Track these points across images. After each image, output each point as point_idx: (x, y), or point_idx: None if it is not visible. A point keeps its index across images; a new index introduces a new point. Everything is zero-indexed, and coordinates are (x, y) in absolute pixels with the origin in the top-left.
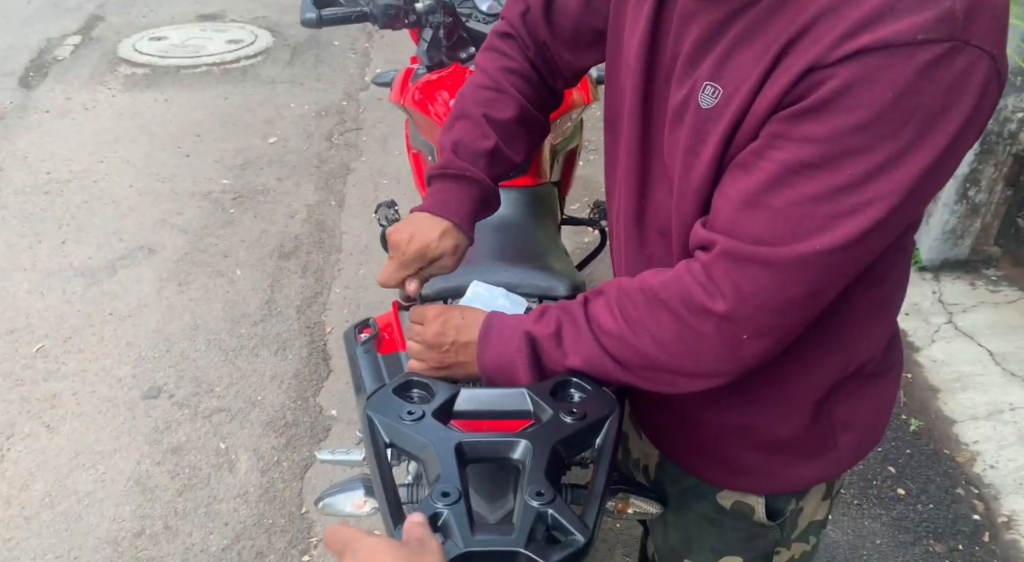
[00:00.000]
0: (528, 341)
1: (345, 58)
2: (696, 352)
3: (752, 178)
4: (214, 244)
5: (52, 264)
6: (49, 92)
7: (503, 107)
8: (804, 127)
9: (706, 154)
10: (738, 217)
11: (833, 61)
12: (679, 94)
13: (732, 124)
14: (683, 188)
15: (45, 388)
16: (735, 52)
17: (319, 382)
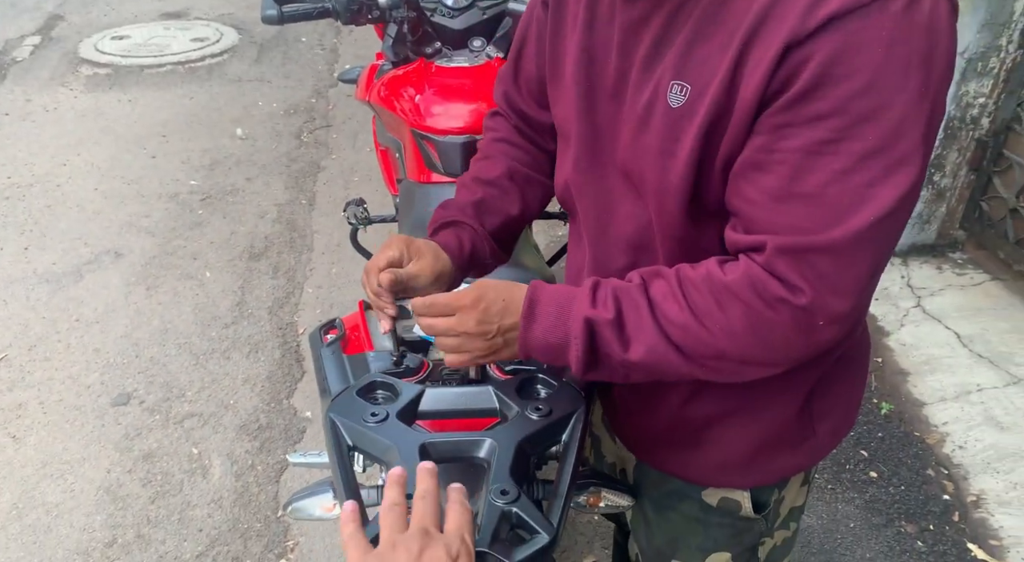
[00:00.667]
0: (586, 327)
1: (313, 55)
2: (767, 341)
3: (773, 175)
4: (183, 246)
5: (15, 271)
6: (8, 94)
7: (490, 168)
8: (808, 108)
9: (683, 152)
10: (774, 214)
11: (809, 33)
12: (639, 101)
13: (708, 119)
14: (662, 189)
15: (10, 398)
16: (695, 48)
17: (293, 383)
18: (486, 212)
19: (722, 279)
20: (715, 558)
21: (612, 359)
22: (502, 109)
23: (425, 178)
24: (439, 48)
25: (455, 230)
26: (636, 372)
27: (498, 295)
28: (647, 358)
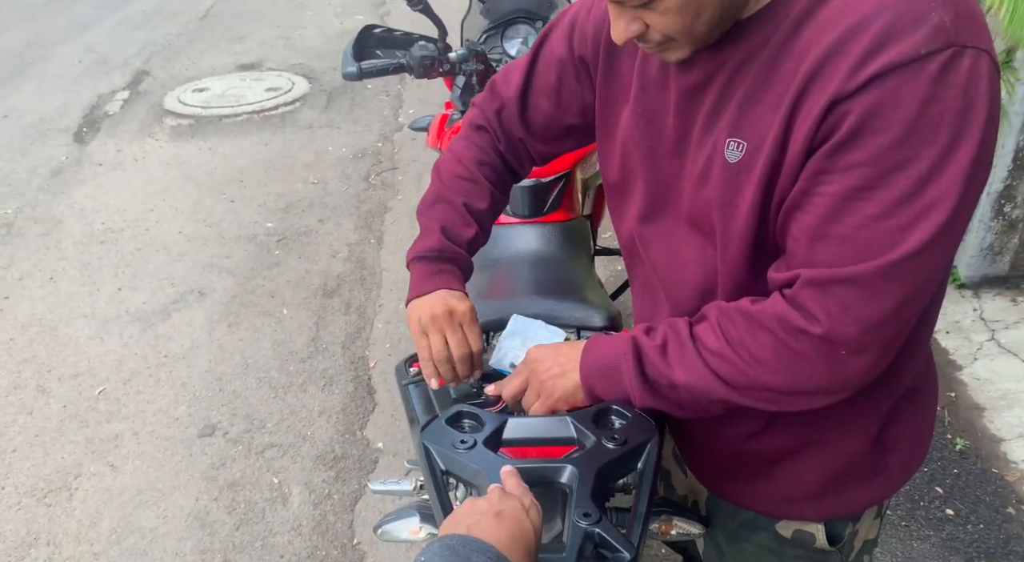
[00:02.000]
0: (634, 347)
1: (379, 101)
2: (795, 371)
3: (810, 215)
4: (261, 285)
5: (110, 310)
6: (101, 146)
7: (479, 198)
8: (845, 157)
9: (744, 204)
10: (810, 251)
11: (852, 90)
12: (700, 158)
13: (766, 173)
14: (726, 240)
15: (108, 429)
16: (749, 108)
17: (365, 415)
18: (472, 249)
19: (751, 310)
20: None
21: (661, 383)
22: (491, 126)
23: None
24: None
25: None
26: (688, 400)
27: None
28: (691, 383)
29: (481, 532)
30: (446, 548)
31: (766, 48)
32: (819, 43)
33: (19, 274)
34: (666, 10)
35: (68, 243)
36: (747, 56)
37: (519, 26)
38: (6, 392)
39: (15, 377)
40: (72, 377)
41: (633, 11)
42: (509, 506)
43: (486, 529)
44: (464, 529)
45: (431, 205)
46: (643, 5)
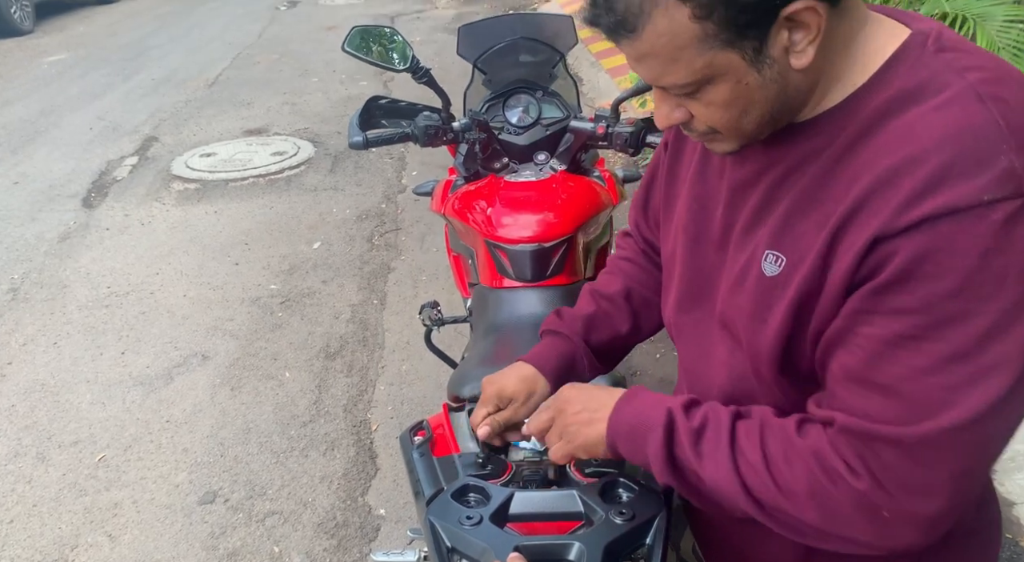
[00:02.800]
0: (667, 422)
1: (382, 163)
2: (830, 513)
3: (852, 355)
4: (264, 348)
5: (113, 375)
6: (109, 210)
7: (609, 283)
8: (891, 300)
9: (774, 321)
10: (849, 394)
11: (898, 230)
12: (739, 260)
13: (801, 293)
14: (754, 354)
15: (107, 497)
16: (793, 221)
17: (367, 481)
18: (594, 328)
19: (794, 438)
20: None
21: (686, 468)
22: (632, 232)
23: (498, 283)
24: (506, 163)
25: (556, 341)
26: (709, 493)
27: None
28: (717, 483)
29: None
30: None
31: (819, 160)
32: (871, 170)
33: (23, 340)
34: (711, 102)
35: (73, 308)
36: (798, 163)
37: (520, 95)
38: (5, 460)
39: (15, 444)
40: (72, 444)
41: (677, 98)
42: None
43: None
44: None
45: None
46: (687, 94)
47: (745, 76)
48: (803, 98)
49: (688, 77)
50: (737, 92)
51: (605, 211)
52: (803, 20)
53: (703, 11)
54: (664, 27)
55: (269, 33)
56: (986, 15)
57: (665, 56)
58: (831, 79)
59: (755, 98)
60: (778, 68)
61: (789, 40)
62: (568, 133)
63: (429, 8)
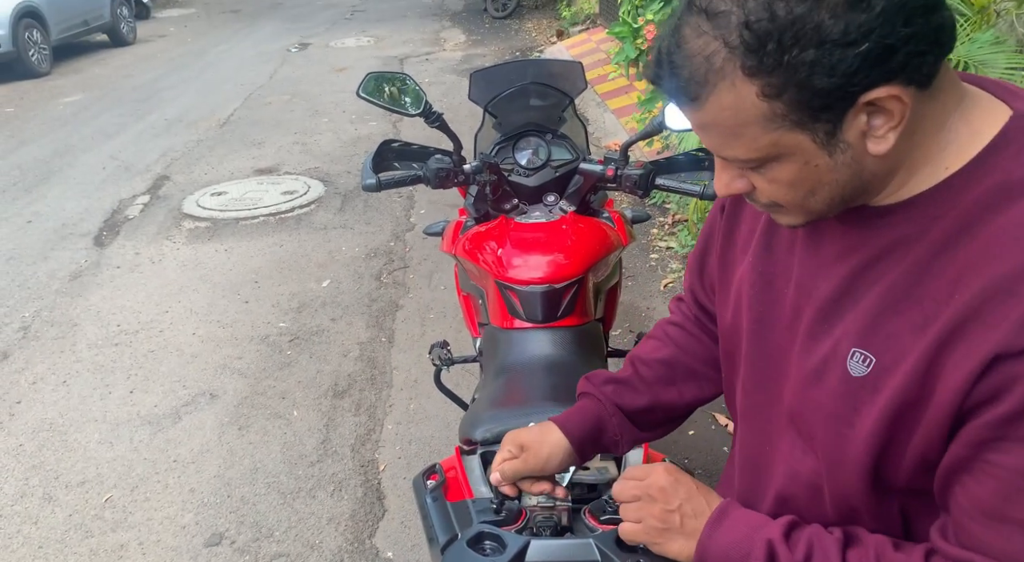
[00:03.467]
0: (769, 553)
1: (391, 202)
2: None
3: (984, 487)
4: (272, 386)
5: (121, 414)
6: (120, 249)
7: (654, 349)
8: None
9: (863, 428)
10: (985, 532)
11: (1020, 348)
12: (816, 352)
13: (898, 400)
14: (837, 461)
15: (113, 539)
16: (885, 318)
17: (374, 522)
18: (627, 392)
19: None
20: None
21: None
22: (687, 297)
23: (508, 324)
24: (516, 204)
25: (585, 402)
26: None
27: (691, 481)
28: None
29: None
30: None
31: (911, 251)
32: (981, 273)
33: (33, 378)
34: (775, 180)
35: (83, 346)
36: (884, 252)
37: (530, 138)
38: (12, 501)
39: (23, 485)
40: (79, 484)
41: (740, 169)
42: None
43: None
44: None
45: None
46: (751, 168)
47: (815, 158)
48: (881, 182)
49: (751, 153)
50: (805, 173)
51: (615, 252)
52: (885, 107)
53: (773, 90)
54: (729, 101)
55: (280, 74)
56: (988, 62)
57: (728, 130)
58: (918, 162)
59: (824, 180)
60: (852, 153)
61: (868, 124)
62: (577, 175)
63: (437, 50)
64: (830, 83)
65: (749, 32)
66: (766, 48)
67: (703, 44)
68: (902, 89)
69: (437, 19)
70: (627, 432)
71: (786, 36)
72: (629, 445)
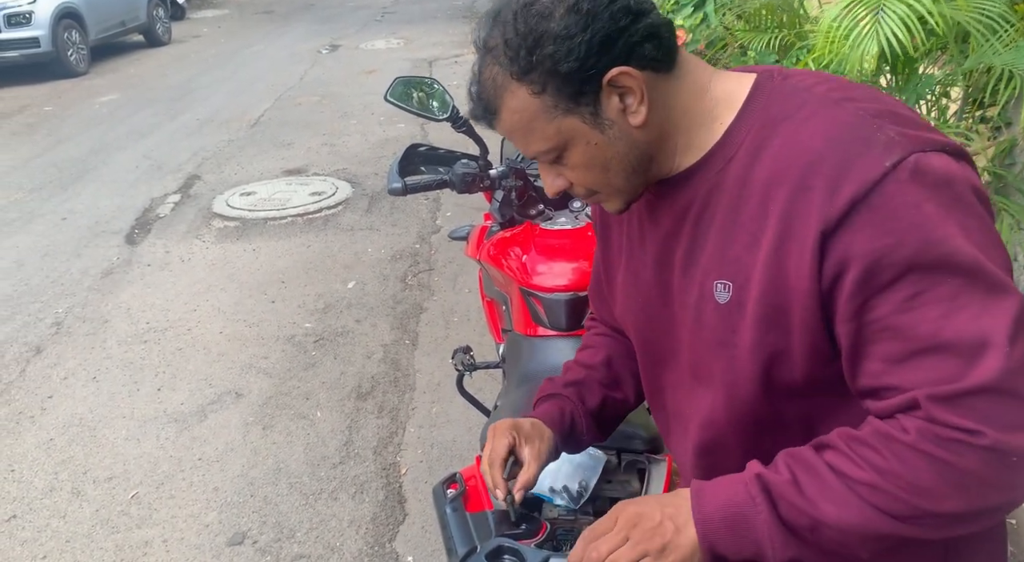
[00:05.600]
0: (762, 488)
1: (418, 205)
2: (967, 491)
3: (881, 343)
4: (296, 386)
5: (148, 411)
6: (151, 247)
7: (592, 355)
8: (875, 281)
9: (744, 342)
10: (906, 374)
11: (837, 218)
12: (691, 303)
13: (760, 310)
14: (733, 380)
15: (138, 535)
16: (726, 248)
17: (395, 526)
18: (586, 391)
19: (899, 437)
20: None
21: (800, 525)
22: (597, 317)
23: (532, 331)
24: (542, 210)
25: (558, 402)
26: (835, 539)
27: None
28: (845, 520)
29: None
30: None
31: (723, 191)
32: (780, 184)
33: (64, 373)
34: (575, 165)
35: (113, 342)
36: (706, 200)
37: None
38: (42, 495)
39: (52, 479)
40: (107, 480)
41: (554, 167)
42: None
43: None
44: None
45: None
46: (556, 161)
47: (592, 137)
48: (662, 150)
49: (546, 144)
50: (590, 152)
51: None
52: (624, 84)
53: (538, 86)
54: (514, 105)
55: (310, 76)
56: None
57: (523, 128)
58: (693, 126)
59: (608, 155)
60: (619, 128)
61: (623, 104)
62: None
63: (466, 52)
64: (569, 67)
65: (507, 48)
66: (520, 55)
67: (489, 72)
68: (635, 70)
69: (467, 21)
70: (590, 430)
71: (529, 41)
72: (588, 444)
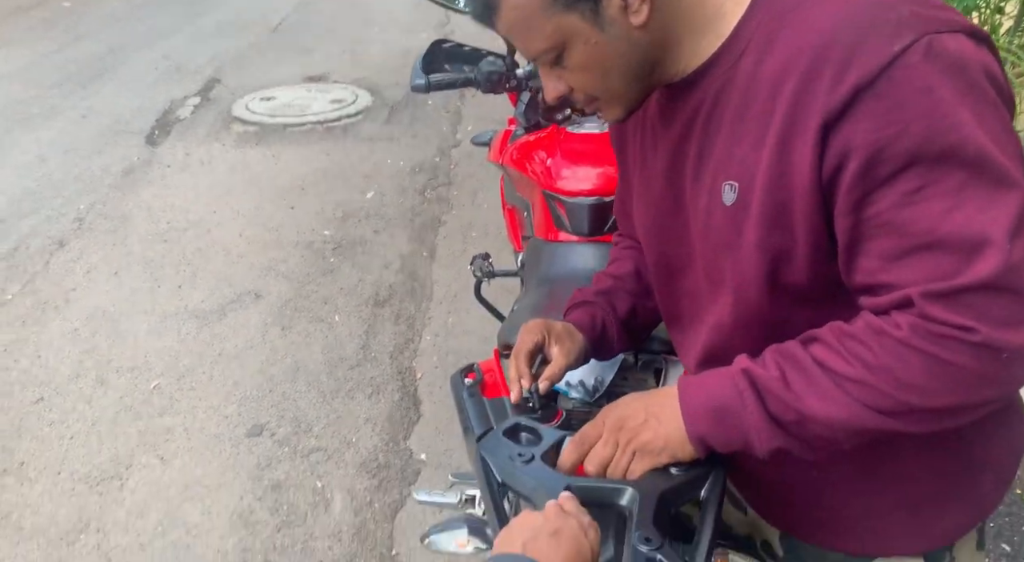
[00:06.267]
0: (749, 382)
1: (438, 116)
2: (956, 387)
3: (879, 239)
4: (315, 291)
5: (169, 307)
6: (171, 149)
7: (620, 267)
8: (877, 172)
9: (749, 241)
10: (902, 272)
11: (839, 106)
12: (699, 207)
13: (764, 210)
14: (740, 281)
15: (160, 423)
16: (733, 148)
17: (409, 426)
18: (616, 299)
19: (891, 332)
20: None
21: (787, 420)
22: (624, 232)
23: (553, 236)
24: (568, 114)
25: (588, 309)
26: (821, 434)
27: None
28: (832, 415)
29: (537, 551)
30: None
31: (734, 88)
32: (789, 74)
33: (87, 267)
34: (575, 67)
35: (134, 240)
36: (716, 99)
37: None
38: (67, 380)
39: (77, 366)
40: (129, 370)
41: (554, 70)
42: (567, 525)
43: (542, 548)
44: (519, 546)
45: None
46: (555, 62)
47: (592, 36)
48: (666, 52)
49: (544, 43)
50: (589, 53)
51: None
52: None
53: None
54: (514, 1)
55: None
56: None
57: (522, 26)
58: (699, 27)
59: (608, 56)
60: (619, 27)
61: (624, 1)
62: None
63: None
64: None
65: None
66: None
67: None
68: None
69: None
70: (621, 337)
71: None
72: (619, 351)
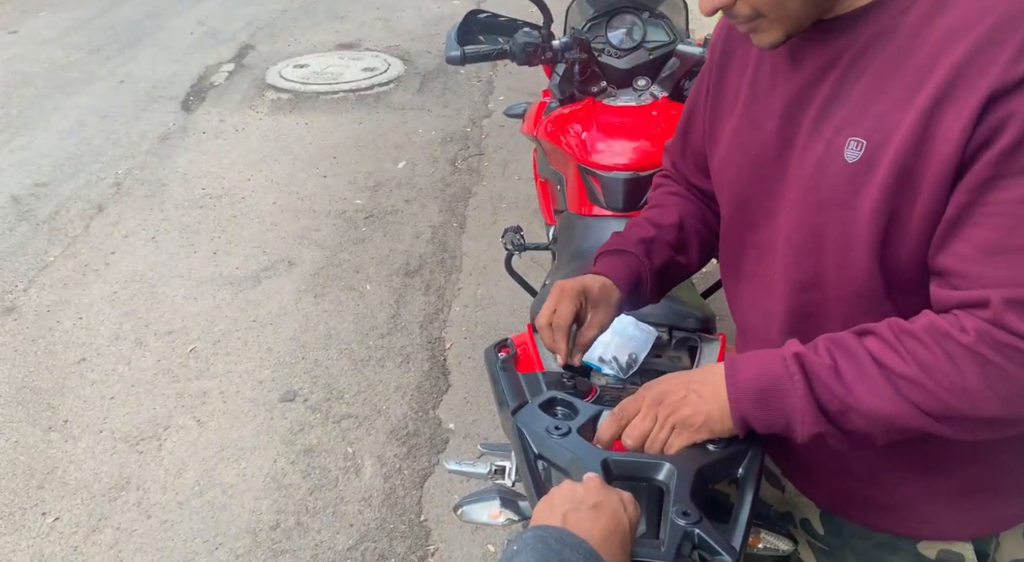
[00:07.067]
0: (800, 366)
1: (470, 86)
2: (1009, 398)
3: (986, 227)
4: (347, 260)
5: (205, 272)
6: (206, 115)
7: (664, 215)
8: (1021, 159)
9: (865, 206)
10: (992, 268)
11: (1016, 82)
12: (809, 159)
13: (891, 174)
14: (845, 244)
15: (197, 386)
16: (871, 103)
17: (439, 395)
18: (655, 251)
19: (955, 336)
20: None
21: (832, 409)
22: (672, 174)
23: (587, 210)
24: (604, 87)
25: (624, 259)
26: (863, 427)
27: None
28: (879, 409)
29: (576, 524)
30: (539, 540)
31: (892, 38)
32: (964, 34)
33: (125, 232)
34: None
35: (170, 205)
36: (865, 47)
37: (624, 16)
38: (108, 342)
39: (117, 328)
40: (167, 333)
41: None
42: (607, 498)
43: (582, 521)
44: (559, 518)
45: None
46: None
47: None
48: None
49: None
50: None
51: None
52: None
53: None
54: None
55: None
56: None
57: None
58: None
59: None
60: None
61: None
62: (673, 58)
63: None
64: None
65: None
66: None
67: None
68: None
69: None
70: (651, 291)
71: None
72: (645, 304)
